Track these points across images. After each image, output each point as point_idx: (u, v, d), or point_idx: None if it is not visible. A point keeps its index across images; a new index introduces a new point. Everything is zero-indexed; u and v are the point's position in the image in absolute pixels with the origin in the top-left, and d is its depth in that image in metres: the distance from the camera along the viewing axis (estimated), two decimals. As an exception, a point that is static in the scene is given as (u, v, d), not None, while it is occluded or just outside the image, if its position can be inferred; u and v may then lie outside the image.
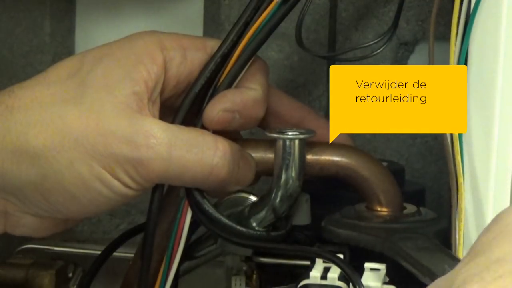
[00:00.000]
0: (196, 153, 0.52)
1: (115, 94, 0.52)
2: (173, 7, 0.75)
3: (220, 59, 0.54)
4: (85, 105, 0.52)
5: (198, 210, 0.55)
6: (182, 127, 0.53)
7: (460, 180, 0.47)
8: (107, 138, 0.51)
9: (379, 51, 0.58)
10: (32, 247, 0.72)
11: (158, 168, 0.52)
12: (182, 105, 0.54)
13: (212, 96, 0.54)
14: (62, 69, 0.54)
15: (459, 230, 0.47)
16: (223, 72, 0.54)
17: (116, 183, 0.52)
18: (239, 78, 0.55)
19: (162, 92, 0.54)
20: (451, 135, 0.48)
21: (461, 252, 0.47)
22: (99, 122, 0.51)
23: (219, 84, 0.54)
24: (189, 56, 0.55)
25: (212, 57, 0.54)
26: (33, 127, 0.51)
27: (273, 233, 0.56)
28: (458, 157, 0.48)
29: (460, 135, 0.48)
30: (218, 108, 0.54)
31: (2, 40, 0.77)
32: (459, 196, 0.47)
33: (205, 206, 0.55)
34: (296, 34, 0.56)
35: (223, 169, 0.53)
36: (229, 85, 0.54)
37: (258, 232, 0.55)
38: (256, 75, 0.55)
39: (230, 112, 0.54)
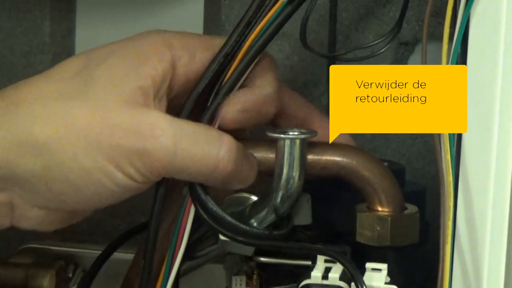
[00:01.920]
0: (203, 146, 0.52)
1: (121, 88, 0.52)
2: (173, 7, 0.75)
3: (224, 59, 0.54)
4: (90, 99, 0.52)
5: (201, 207, 0.55)
6: (188, 121, 0.53)
7: (449, 178, 0.47)
8: (112, 130, 0.51)
9: (381, 51, 0.58)
10: (32, 247, 0.72)
11: (163, 159, 0.52)
12: (186, 104, 0.55)
13: (216, 95, 0.54)
14: (68, 66, 0.54)
15: (447, 228, 0.47)
16: (227, 72, 0.55)
17: (120, 175, 0.52)
18: (243, 77, 0.55)
19: (170, 90, 0.55)
20: (440, 134, 0.48)
21: (448, 250, 0.47)
22: (104, 115, 0.51)
23: (223, 83, 0.54)
24: (198, 55, 0.55)
25: (215, 57, 0.54)
26: (38, 120, 0.52)
27: (275, 232, 0.56)
28: (448, 156, 0.48)
29: (450, 135, 0.48)
30: (235, 109, 0.54)
31: (2, 40, 0.77)
32: (447, 194, 0.47)
33: (209, 204, 0.55)
34: (300, 34, 0.56)
35: (229, 163, 0.53)
36: (233, 85, 0.54)
37: (261, 231, 0.55)
38: (267, 72, 0.56)
39: (246, 112, 0.54)
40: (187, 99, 0.55)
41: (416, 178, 0.70)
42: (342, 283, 0.51)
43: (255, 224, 0.56)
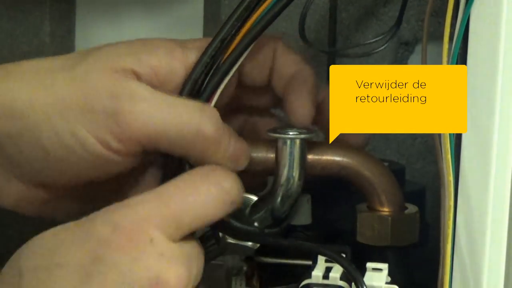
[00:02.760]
0: (183, 110, 0.51)
1: (111, 63, 0.52)
2: (173, 7, 0.75)
3: (220, 44, 0.53)
4: (76, 71, 0.52)
5: None
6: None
7: (449, 178, 0.47)
8: (89, 93, 0.51)
9: (381, 48, 0.58)
10: (32, 247, 0.72)
11: (140, 120, 0.50)
12: (183, 91, 0.54)
13: (212, 77, 0.53)
14: (76, 52, 0.56)
15: (447, 228, 0.47)
16: (224, 54, 0.54)
17: (91, 140, 0.51)
18: (240, 60, 0.54)
19: None
20: (440, 134, 0.48)
21: (448, 250, 0.48)
22: (84, 81, 0.51)
23: (220, 65, 0.53)
24: None
25: (211, 42, 0.53)
26: (23, 87, 0.52)
27: (266, 230, 0.56)
28: (448, 156, 0.48)
29: (450, 135, 0.48)
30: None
31: (2, 40, 0.77)
32: (447, 194, 0.47)
33: None
34: (299, 30, 0.56)
35: (212, 127, 0.51)
36: (230, 67, 0.53)
37: (251, 229, 0.55)
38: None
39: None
40: (183, 87, 0.53)
41: (416, 178, 0.71)
42: (342, 283, 0.51)
43: (255, 224, 0.56)
